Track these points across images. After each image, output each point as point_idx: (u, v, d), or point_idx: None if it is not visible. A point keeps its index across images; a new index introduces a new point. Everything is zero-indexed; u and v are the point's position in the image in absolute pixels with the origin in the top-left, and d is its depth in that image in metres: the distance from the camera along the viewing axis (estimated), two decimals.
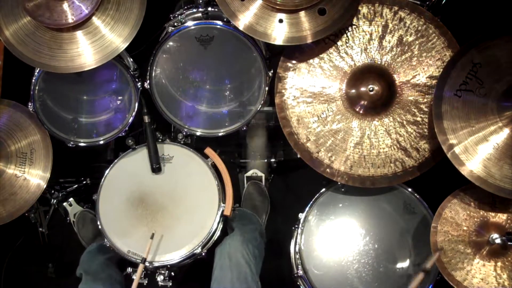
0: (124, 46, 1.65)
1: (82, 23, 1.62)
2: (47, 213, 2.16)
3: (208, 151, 1.91)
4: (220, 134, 1.94)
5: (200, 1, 1.79)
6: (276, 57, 1.79)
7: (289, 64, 1.75)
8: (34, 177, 1.81)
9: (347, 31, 1.72)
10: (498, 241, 1.60)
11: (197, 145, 2.03)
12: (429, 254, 1.65)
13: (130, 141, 1.91)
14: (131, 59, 1.85)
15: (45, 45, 1.63)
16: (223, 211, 1.85)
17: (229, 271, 1.74)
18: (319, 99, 1.75)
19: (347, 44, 1.73)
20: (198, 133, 1.94)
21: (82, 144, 1.92)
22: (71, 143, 1.90)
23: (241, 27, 1.63)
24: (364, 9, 1.71)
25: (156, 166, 1.87)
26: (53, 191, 2.15)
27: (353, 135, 1.74)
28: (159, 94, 1.87)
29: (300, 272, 1.78)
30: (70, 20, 1.59)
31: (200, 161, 1.91)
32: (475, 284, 1.61)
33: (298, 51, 1.74)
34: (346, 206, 1.84)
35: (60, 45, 1.63)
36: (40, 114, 1.82)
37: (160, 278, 1.86)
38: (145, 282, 1.90)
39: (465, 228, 1.65)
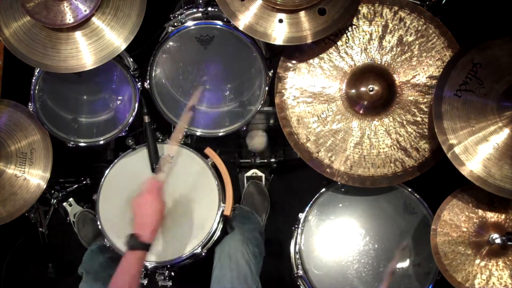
0: (118, 51, 1.64)
1: (79, 25, 1.62)
2: (47, 213, 2.16)
3: (208, 151, 1.91)
4: (220, 134, 1.94)
5: (200, 1, 1.79)
6: (276, 57, 1.79)
7: (289, 64, 1.75)
8: (34, 177, 1.81)
9: (347, 31, 1.72)
10: (498, 241, 1.59)
11: (197, 145, 2.03)
12: (429, 254, 1.65)
13: (130, 141, 1.91)
14: (131, 59, 1.85)
15: (40, 43, 1.62)
16: (223, 211, 1.85)
17: (229, 271, 1.74)
18: (319, 99, 1.75)
19: (347, 44, 1.73)
20: (198, 133, 1.94)
21: (82, 144, 1.92)
22: (71, 143, 1.91)
23: (241, 27, 1.63)
24: (364, 9, 1.71)
25: (156, 166, 1.87)
26: (53, 191, 2.15)
27: (353, 135, 1.74)
28: (159, 94, 1.87)
29: (300, 272, 1.78)
30: (67, 21, 1.58)
31: (200, 161, 1.91)
32: (476, 285, 1.61)
33: (298, 51, 1.74)
34: (346, 206, 1.84)
35: (54, 44, 1.63)
36: (40, 114, 1.82)
37: (160, 278, 1.86)
38: (145, 282, 1.90)
39: (464, 229, 1.65)
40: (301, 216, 1.84)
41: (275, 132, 2.16)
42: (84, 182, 2.30)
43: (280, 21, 1.62)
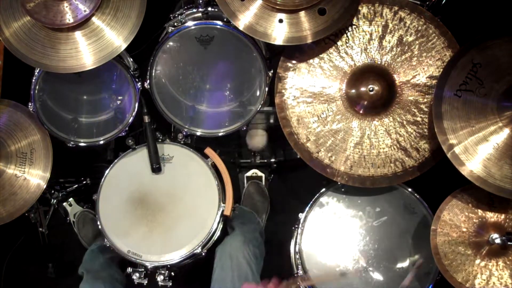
0: (118, 51, 1.64)
1: (79, 25, 1.62)
2: (47, 213, 2.16)
3: (208, 151, 1.91)
4: (220, 134, 1.94)
5: (200, 1, 1.79)
6: (276, 57, 1.79)
7: (289, 64, 1.75)
8: (34, 177, 1.81)
9: (347, 31, 1.72)
10: (498, 241, 1.59)
11: (197, 145, 2.03)
12: (429, 255, 1.65)
13: (130, 141, 1.91)
14: (131, 59, 1.85)
15: (39, 43, 1.62)
16: (223, 211, 1.85)
17: (230, 271, 1.74)
18: (319, 99, 1.75)
19: (347, 44, 1.73)
20: (198, 133, 1.94)
21: (82, 144, 1.92)
22: (71, 143, 1.90)
23: (241, 27, 1.63)
24: (364, 9, 1.71)
25: (156, 166, 1.87)
26: (53, 191, 2.15)
27: (353, 135, 1.74)
28: (159, 94, 1.87)
29: (300, 272, 1.78)
30: (66, 21, 1.58)
31: (200, 161, 1.91)
32: (477, 285, 1.61)
33: (298, 51, 1.74)
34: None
35: (53, 44, 1.63)
36: (40, 114, 1.82)
37: (160, 278, 1.86)
38: (145, 282, 1.90)
39: (464, 229, 1.65)
40: (301, 216, 1.84)
41: (275, 132, 2.16)
42: (84, 182, 2.30)
43: (280, 21, 1.62)
